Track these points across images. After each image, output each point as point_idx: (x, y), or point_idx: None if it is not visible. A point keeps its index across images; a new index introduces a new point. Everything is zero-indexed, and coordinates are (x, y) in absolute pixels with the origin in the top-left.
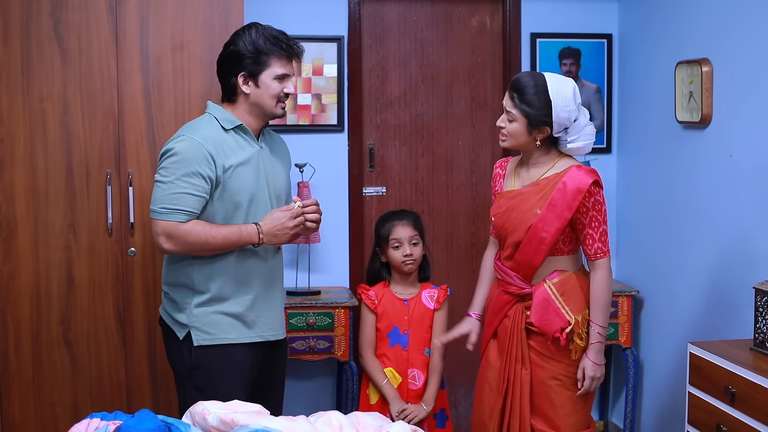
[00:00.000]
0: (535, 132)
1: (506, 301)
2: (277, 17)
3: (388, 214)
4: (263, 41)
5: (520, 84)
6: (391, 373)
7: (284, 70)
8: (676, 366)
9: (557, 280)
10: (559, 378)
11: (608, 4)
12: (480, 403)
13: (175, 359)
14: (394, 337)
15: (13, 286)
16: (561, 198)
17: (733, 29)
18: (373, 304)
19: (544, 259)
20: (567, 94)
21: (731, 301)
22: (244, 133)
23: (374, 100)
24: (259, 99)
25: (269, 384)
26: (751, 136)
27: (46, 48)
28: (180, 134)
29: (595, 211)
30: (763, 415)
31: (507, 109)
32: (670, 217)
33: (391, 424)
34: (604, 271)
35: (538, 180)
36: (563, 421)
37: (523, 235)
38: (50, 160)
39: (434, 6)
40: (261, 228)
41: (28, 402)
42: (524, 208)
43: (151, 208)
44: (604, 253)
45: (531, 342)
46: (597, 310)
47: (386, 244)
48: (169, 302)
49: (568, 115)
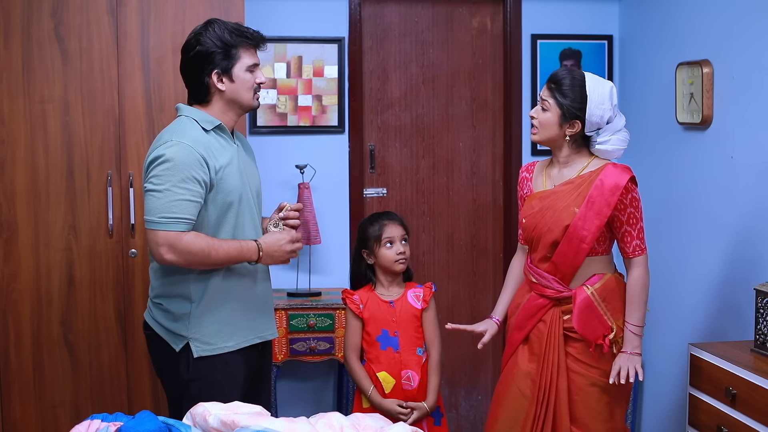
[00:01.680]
0: (566, 126)
1: (541, 306)
2: (277, 18)
3: (374, 215)
4: (228, 34)
5: (558, 76)
6: (384, 376)
7: (253, 60)
8: (677, 367)
9: (599, 285)
10: (597, 384)
11: (609, 5)
12: (506, 410)
13: (169, 371)
14: (385, 340)
15: (14, 287)
16: (599, 195)
17: (734, 30)
18: (358, 309)
19: (584, 259)
20: (604, 92)
21: (732, 303)
22: (223, 132)
23: (375, 101)
24: (236, 94)
25: (259, 385)
26: (752, 138)
27: (47, 49)
28: (167, 139)
29: (633, 208)
30: (764, 417)
31: (542, 98)
32: (671, 218)
33: (391, 425)
34: (642, 268)
35: (573, 178)
36: (600, 427)
37: (561, 235)
38: (51, 161)
39: (435, 7)
40: (261, 246)
41: (29, 403)
42: (560, 206)
43: (146, 218)
44: (642, 251)
45: (568, 348)
46: (633, 308)
47: (377, 243)
48: (162, 312)
49: (601, 113)
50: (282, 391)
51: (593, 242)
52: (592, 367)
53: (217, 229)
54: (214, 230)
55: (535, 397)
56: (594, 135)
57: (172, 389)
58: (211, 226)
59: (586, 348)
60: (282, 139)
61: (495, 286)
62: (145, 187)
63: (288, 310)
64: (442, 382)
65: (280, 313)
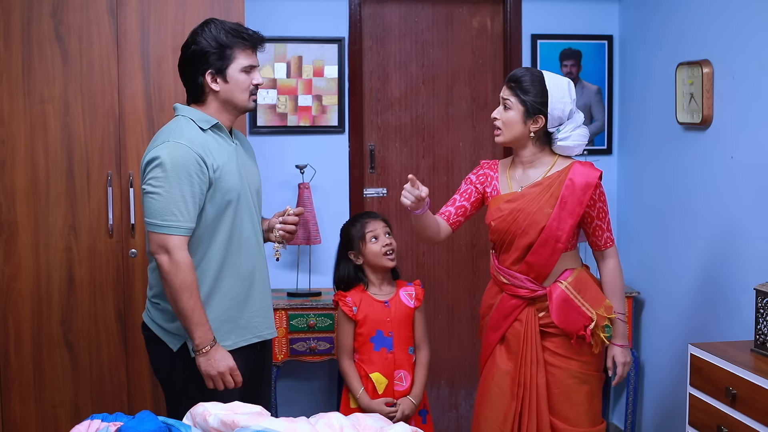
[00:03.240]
0: (530, 122)
1: (515, 306)
2: (277, 18)
3: (354, 217)
4: (224, 35)
5: (516, 75)
6: (377, 377)
7: (250, 61)
8: (677, 367)
9: (571, 279)
10: (577, 376)
11: (609, 5)
12: (488, 410)
13: (167, 371)
14: (379, 341)
15: (14, 287)
16: (571, 195)
17: (734, 30)
18: (351, 312)
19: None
20: (563, 87)
21: (732, 303)
22: (220, 131)
23: (375, 101)
24: (230, 94)
25: (259, 385)
26: (752, 138)
27: (47, 49)
28: (164, 140)
29: (601, 202)
30: (763, 417)
31: (503, 98)
32: (671, 218)
33: (391, 425)
34: (615, 258)
35: (541, 179)
36: (582, 418)
37: (536, 237)
38: (51, 161)
39: (435, 7)
40: (212, 345)
41: (29, 403)
42: (532, 209)
43: (147, 220)
44: (612, 242)
45: (546, 344)
46: (615, 297)
47: (362, 241)
48: (160, 312)
49: (563, 107)
50: (282, 391)
51: (568, 241)
52: (570, 359)
53: (215, 227)
54: (212, 228)
55: (515, 395)
56: (555, 132)
57: (171, 389)
58: (208, 224)
59: (563, 341)
60: (282, 139)
61: None
62: (144, 189)
63: (288, 310)
64: (442, 382)
65: (280, 313)
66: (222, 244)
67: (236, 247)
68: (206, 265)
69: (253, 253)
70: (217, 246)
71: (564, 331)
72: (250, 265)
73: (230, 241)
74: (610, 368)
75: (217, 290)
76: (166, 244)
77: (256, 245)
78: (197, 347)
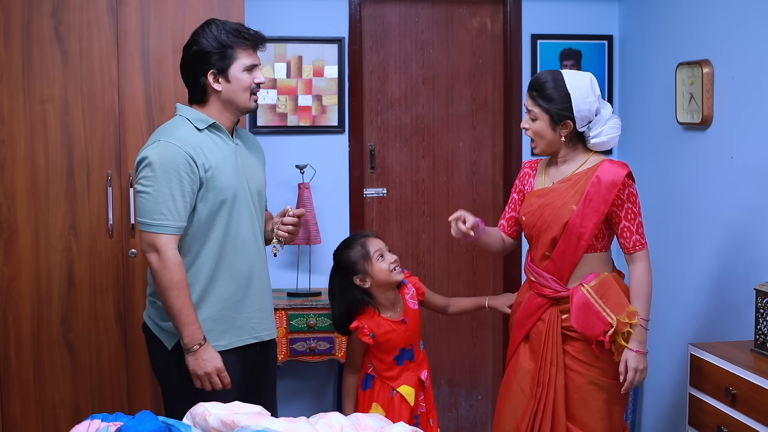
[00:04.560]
0: (558, 128)
1: (540, 305)
2: (277, 18)
3: (345, 241)
4: (225, 35)
5: (537, 82)
6: (407, 390)
7: (251, 60)
8: (677, 367)
9: (594, 283)
10: (596, 382)
11: (609, 5)
12: (508, 407)
13: (162, 370)
14: (402, 356)
15: (14, 287)
16: (596, 192)
17: (734, 30)
18: (369, 339)
19: (582, 256)
20: (584, 86)
21: (732, 303)
22: (219, 131)
23: (375, 101)
24: (232, 94)
25: (261, 386)
26: (752, 138)
27: (47, 49)
28: (155, 139)
29: (630, 203)
30: (764, 417)
31: (528, 109)
32: (671, 218)
33: (391, 425)
34: (643, 263)
35: (570, 176)
36: (598, 425)
37: (560, 232)
38: (51, 161)
39: (435, 7)
40: (201, 344)
41: (29, 403)
42: (558, 204)
43: (139, 219)
44: (642, 245)
45: (567, 347)
46: (640, 302)
47: (368, 261)
48: (156, 310)
49: (588, 106)
50: (282, 391)
51: (591, 239)
52: (590, 366)
53: (209, 226)
54: (205, 228)
55: (534, 395)
56: (586, 130)
57: (167, 388)
58: (201, 223)
59: (584, 347)
60: (282, 139)
61: (495, 286)
62: (136, 188)
63: (288, 310)
64: (442, 382)
65: (280, 313)
66: (216, 244)
67: (232, 246)
68: (200, 265)
69: (251, 253)
70: (211, 245)
71: (583, 335)
72: (247, 265)
73: (225, 241)
74: (622, 373)
75: (211, 290)
76: (155, 242)
77: (254, 245)
78: (185, 346)
